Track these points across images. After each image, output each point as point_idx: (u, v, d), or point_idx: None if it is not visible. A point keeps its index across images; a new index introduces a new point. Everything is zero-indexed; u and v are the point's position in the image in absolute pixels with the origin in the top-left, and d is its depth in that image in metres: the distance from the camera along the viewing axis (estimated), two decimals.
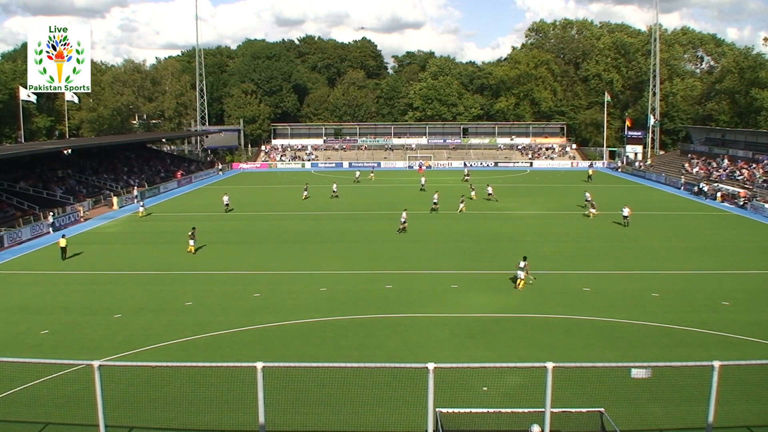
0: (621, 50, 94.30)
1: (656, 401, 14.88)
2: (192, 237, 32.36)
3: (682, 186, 58.54)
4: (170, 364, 14.01)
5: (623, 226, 38.54)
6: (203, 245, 33.41)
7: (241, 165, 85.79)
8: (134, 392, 15.15)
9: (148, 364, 15.64)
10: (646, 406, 14.62)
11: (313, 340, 19.52)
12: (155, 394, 15.14)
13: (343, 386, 15.12)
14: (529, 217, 42.39)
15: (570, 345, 18.92)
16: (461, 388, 14.92)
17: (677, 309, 22.25)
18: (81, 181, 56.00)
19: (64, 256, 31.33)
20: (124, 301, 23.84)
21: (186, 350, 18.71)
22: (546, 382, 11.37)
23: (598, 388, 14.83)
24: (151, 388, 15.35)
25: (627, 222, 38.65)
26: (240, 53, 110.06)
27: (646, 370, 12.10)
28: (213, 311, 22.52)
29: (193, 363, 15.83)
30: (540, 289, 24.89)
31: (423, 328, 20.50)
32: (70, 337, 20.06)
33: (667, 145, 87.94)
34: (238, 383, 14.76)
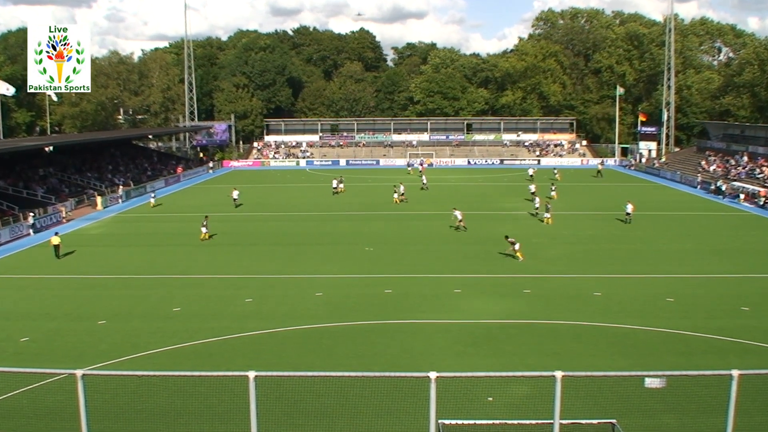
0: (634, 41, 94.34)
1: (671, 412, 14.88)
2: (204, 225, 35.79)
3: (699, 185, 58.60)
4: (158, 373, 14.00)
5: (625, 222, 39.22)
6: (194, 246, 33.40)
7: (232, 163, 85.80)
8: (120, 403, 15.14)
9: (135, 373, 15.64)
10: (660, 418, 14.62)
11: (308, 347, 19.52)
12: (142, 404, 15.13)
13: (340, 396, 15.11)
14: (535, 218, 42.40)
15: (580, 353, 18.92)
16: (465, 399, 14.92)
17: (693, 315, 22.25)
18: (63, 179, 55.99)
19: (58, 254, 32.10)
20: (109, 307, 23.81)
21: (174, 358, 18.70)
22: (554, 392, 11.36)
23: (610, 399, 14.83)
24: (137, 399, 15.34)
25: (629, 219, 39.31)
26: (231, 45, 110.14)
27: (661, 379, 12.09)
28: (203, 317, 22.51)
29: (182, 372, 15.82)
30: (548, 293, 24.90)
31: (424, 335, 20.50)
32: (52, 345, 20.05)
33: (682, 142, 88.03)
34: (229, 393, 14.75)
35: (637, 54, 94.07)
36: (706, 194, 54.59)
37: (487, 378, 15.80)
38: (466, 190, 57.40)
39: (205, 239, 35.60)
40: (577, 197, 52.08)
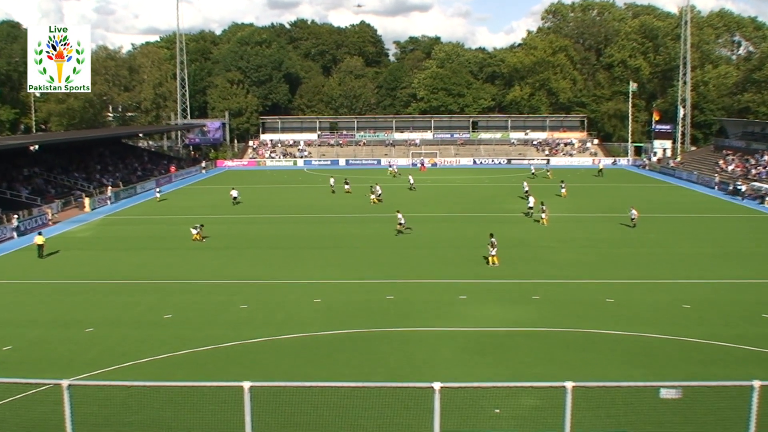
0: (648, 34, 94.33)
1: (688, 425, 14.82)
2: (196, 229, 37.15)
3: (716, 185, 58.56)
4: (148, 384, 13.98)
5: (632, 227, 38.92)
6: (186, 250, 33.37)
7: (226, 162, 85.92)
8: (108, 415, 15.11)
9: (124, 384, 15.61)
10: (676, 430, 14.57)
11: (306, 356, 19.51)
12: (131, 416, 15.11)
13: (339, 408, 15.08)
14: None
15: (591, 362, 18.90)
16: (471, 410, 14.89)
17: (711, 322, 22.23)
18: (49, 180, 56.10)
19: (41, 254, 32.98)
20: (97, 314, 23.81)
21: (165, 368, 18.70)
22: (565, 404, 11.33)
23: (623, 410, 14.80)
24: (126, 411, 15.32)
25: (634, 224, 39.08)
26: (226, 39, 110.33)
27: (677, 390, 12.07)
28: (195, 325, 22.50)
29: (174, 382, 15.80)
30: (558, 300, 24.87)
31: (428, 343, 20.49)
32: (37, 354, 20.03)
33: (699, 140, 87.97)
34: (222, 405, 14.72)
35: (652, 48, 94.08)
36: (724, 195, 54.54)
37: (493, 389, 15.76)
38: (470, 192, 57.39)
39: (197, 240, 36.47)
40: (588, 199, 52.05)
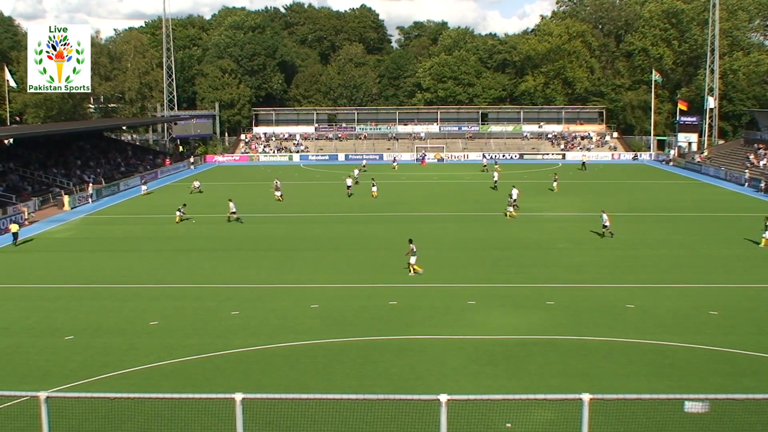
0: (672, 19, 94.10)
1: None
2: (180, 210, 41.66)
3: (746, 182, 58.51)
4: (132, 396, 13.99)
5: (602, 236, 36.21)
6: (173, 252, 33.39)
7: (216, 157, 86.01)
8: (89, 429, 15.15)
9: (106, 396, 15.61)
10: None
11: (302, 366, 19.54)
12: (114, 431, 15.13)
13: (338, 422, 15.11)
14: (560, 220, 42.43)
15: (611, 373, 18.90)
16: (480, 425, 14.91)
17: (741, 330, 22.20)
18: (25, 176, 56.18)
19: (16, 240, 36.26)
20: (78, 321, 23.87)
21: (151, 379, 18.74)
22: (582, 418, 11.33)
23: (645, 425, 14.80)
24: (109, 424, 15.37)
25: (607, 233, 36.07)
26: (216, 24, 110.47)
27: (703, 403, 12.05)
28: (183, 332, 22.54)
29: (160, 394, 15.83)
30: (575, 305, 24.87)
31: (434, 352, 20.50)
32: (12, 364, 20.07)
33: (728, 133, 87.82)
34: (213, 418, 14.75)
35: (676, 34, 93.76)
36: (755, 193, 54.46)
37: (505, 401, 15.78)
38: (479, 189, 57.34)
39: (179, 222, 41.02)
40: (607, 196, 51.94)
